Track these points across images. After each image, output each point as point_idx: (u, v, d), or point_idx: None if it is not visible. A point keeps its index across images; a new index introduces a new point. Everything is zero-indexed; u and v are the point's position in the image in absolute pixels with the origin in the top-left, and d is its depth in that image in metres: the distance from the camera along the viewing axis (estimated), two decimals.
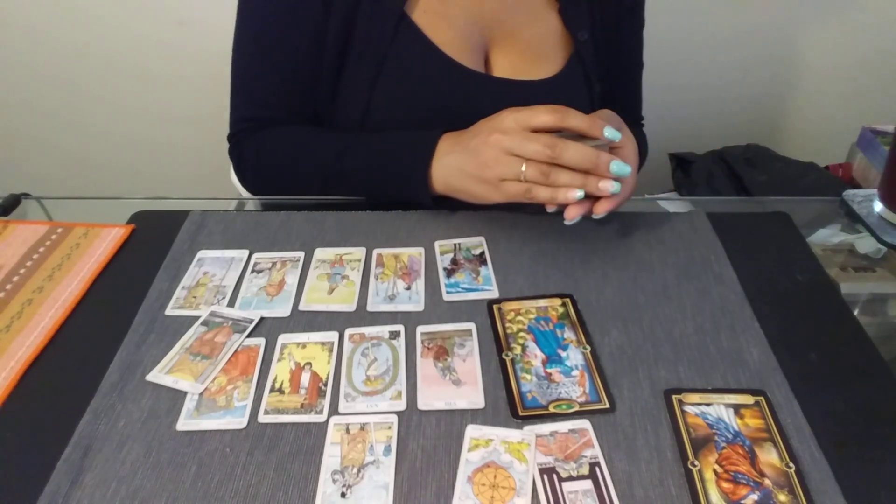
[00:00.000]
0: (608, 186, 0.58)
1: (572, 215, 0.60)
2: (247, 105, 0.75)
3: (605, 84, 0.81)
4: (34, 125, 1.56)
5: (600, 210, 0.60)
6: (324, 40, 0.70)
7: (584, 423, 0.48)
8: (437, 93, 0.72)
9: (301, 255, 0.64)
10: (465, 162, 0.62)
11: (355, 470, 0.45)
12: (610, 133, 0.58)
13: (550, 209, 0.63)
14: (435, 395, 0.50)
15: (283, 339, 0.55)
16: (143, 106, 1.53)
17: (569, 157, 0.57)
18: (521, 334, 0.55)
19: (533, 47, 0.76)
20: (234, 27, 0.74)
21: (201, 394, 0.50)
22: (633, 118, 0.91)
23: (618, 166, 0.58)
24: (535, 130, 0.59)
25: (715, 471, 0.44)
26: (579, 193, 0.58)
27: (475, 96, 0.73)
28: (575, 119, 0.58)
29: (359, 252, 0.64)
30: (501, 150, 0.59)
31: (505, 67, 0.75)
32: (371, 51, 0.70)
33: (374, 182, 0.69)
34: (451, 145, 0.64)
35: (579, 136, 0.60)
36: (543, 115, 0.58)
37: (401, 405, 0.49)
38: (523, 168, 0.58)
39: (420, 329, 0.56)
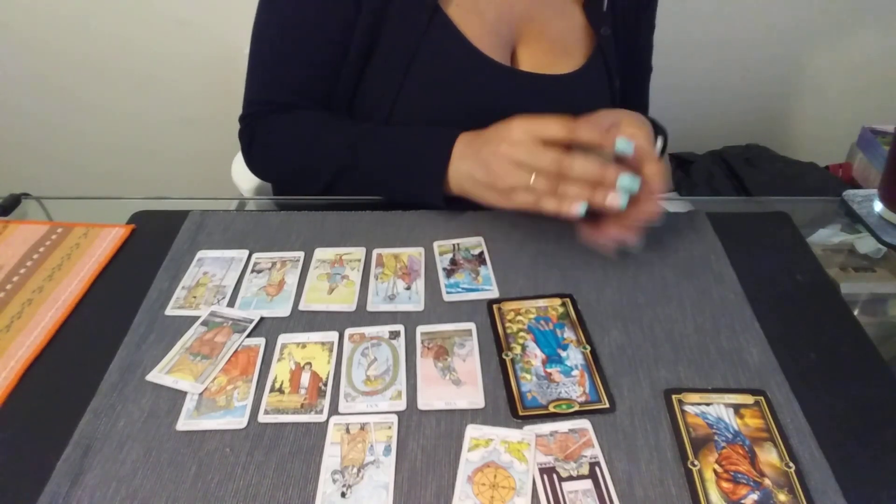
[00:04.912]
0: (615, 201, 0.56)
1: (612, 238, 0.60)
2: (265, 88, 0.75)
3: (621, 82, 0.82)
4: (34, 125, 1.56)
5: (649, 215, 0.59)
6: (351, 33, 0.70)
7: (584, 423, 0.48)
8: (466, 85, 0.73)
9: (301, 255, 0.64)
10: (476, 170, 0.62)
11: (355, 470, 0.45)
12: (622, 145, 0.57)
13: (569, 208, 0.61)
14: (435, 395, 0.50)
15: (283, 339, 0.55)
16: (144, 107, 1.53)
17: (576, 170, 0.56)
18: (521, 334, 0.55)
19: (558, 42, 0.77)
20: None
21: (201, 394, 0.50)
22: None
23: (625, 181, 0.56)
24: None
25: (715, 470, 0.44)
26: (582, 207, 0.56)
27: (502, 90, 0.73)
28: (585, 132, 0.57)
29: (359, 252, 0.64)
30: (511, 162, 0.58)
31: (530, 62, 0.76)
32: (403, 43, 0.70)
33: (386, 179, 0.69)
34: (465, 148, 0.64)
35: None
36: (553, 128, 0.57)
37: (401, 405, 0.49)
38: (532, 179, 0.57)
39: (420, 329, 0.56)
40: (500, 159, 0.59)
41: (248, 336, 0.55)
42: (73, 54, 1.44)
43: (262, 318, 0.57)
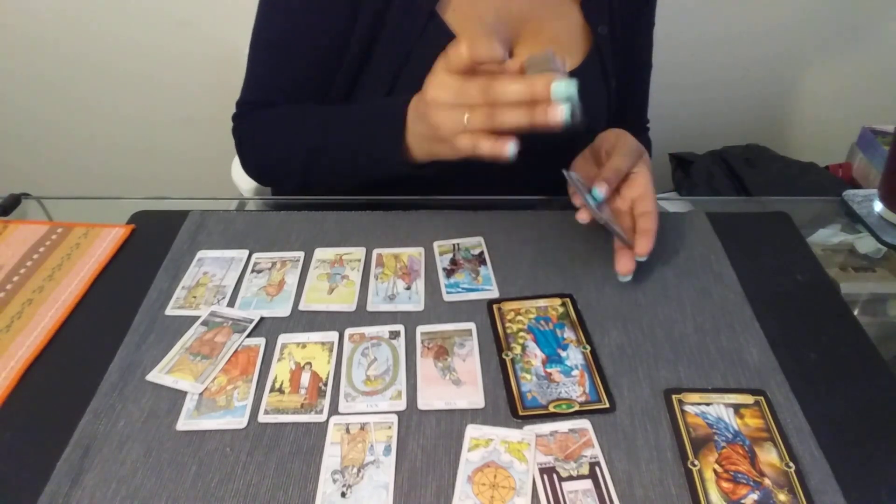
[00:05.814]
0: (557, 116, 0.50)
1: (626, 270, 0.59)
2: (259, 89, 0.76)
3: (618, 82, 0.82)
4: (34, 125, 1.57)
5: (642, 251, 0.59)
6: (347, 40, 0.70)
7: (584, 423, 0.48)
8: None
9: (301, 255, 0.64)
10: (421, 127, 0.59)
11: (355, 470, 0.45)
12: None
13: (582, 219, 0.60)
14: (435, 395, 0.50)
15: (283, 339, 0.55)
16: (144, 107, 1.53)
17: (505, 91, 0.52)
18: (521, 334, 0.55)
19: (555, 42, 0.76)
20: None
21: (201, 394, 0.50)
22: (638, 121, 0.91)
23: (560, 88, 0.50)
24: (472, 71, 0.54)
25: (715, 470, 0.44)
26: (512, 147, 0.52)
27: None
28: (483, 49, 0.51)
29: (359, 252, 0.64)
30: (440, 106, 0.55)
31: None
32: (397, 45, 0.70)
33: (352, 153, 0.68)
34: (414, 112, 0.61)
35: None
36: (454, 54, 0.53)
37: (401, 405, 0.49)
38: (466, 118, 0.54)
39: (420, 329, 0.56)
40: (431, 107, 0.56)
41: (248, 336, 0.55)
42: (73, 54, 1.44)
43: (262, 318, 0.57)
